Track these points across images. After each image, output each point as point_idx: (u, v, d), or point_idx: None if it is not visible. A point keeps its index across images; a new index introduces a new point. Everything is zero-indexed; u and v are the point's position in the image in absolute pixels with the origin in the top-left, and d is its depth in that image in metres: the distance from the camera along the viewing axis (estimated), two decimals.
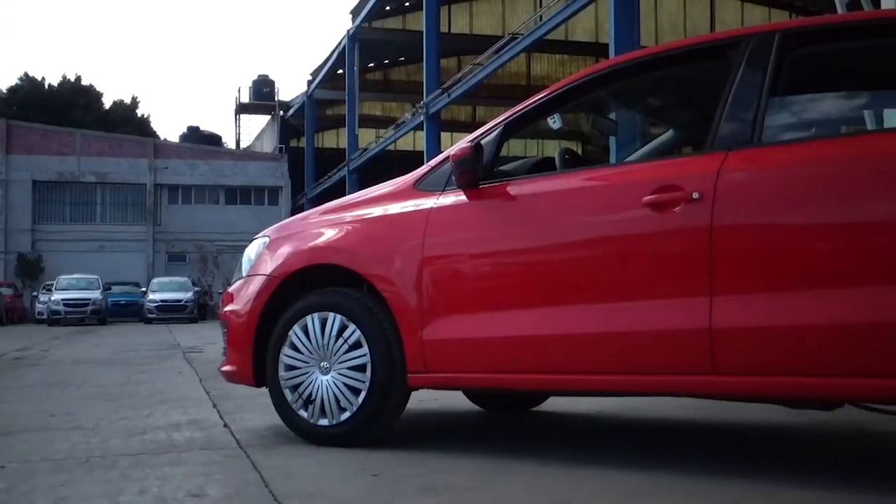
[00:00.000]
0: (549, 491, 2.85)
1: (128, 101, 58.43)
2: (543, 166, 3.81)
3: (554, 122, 3.69)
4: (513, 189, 3.48)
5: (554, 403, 4.96)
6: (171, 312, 29.37)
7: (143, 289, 33.15)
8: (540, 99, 3.60)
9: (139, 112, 58.51)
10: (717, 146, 3.11)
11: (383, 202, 3.79)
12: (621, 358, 3.13)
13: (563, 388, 3.47)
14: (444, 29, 30.52)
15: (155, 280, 32.67)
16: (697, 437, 4.12)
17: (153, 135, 53.09)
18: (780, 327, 2.86)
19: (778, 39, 3.16)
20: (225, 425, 4.33)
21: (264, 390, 3.93)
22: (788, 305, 2.85)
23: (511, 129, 3.62)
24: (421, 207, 3.62)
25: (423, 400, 4.97)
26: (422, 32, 25.95)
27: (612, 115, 4.51)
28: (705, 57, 3.49)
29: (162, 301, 29.73)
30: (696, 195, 3.01)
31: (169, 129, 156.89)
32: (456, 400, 4.97)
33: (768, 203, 2.97)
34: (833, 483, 2.94)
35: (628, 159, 4.56)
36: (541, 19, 19.86)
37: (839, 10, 8.01)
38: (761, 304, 2.89)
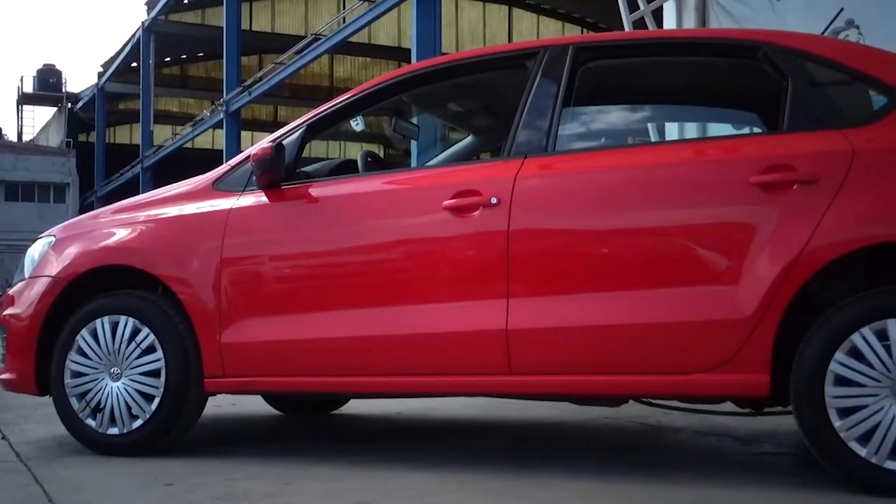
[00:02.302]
0: (349, 493, 2.85)
1: None
2: (345, 168, 3.81)
3: (357, 124, 3.70)
4: (314, 191, 3.46)
5: (355, 406, 4.97)
6: None
7: None
8: (343, 101, 3.60)
9: None
10: (514, 153, 3.21)
11: (180, 201, 3.67)
12: (422, 360, 3.18)
13: (364, 390, 3.48)
14: (245, 26, 29.88)
15: None
16: (491, 434, 4.24)
17: None
18: (569, 328, 3.00)
19: (571, 52, 3.30)
20: (3, 437, 4.05)
21: (48, 399, 3.70)
22: (577, 307, 3.00)
23: (314, 130, 3.60)
24: (220, 208, 3.53)
25: (220, 405, 4.84)
26: (222, 28, 25.30)
27: (414, 120, 4.57)
28: (504, 66, 3.60)
29: None
30: (494, 200, 3.10)
31: None
32: (255, 404, 4.88)
33: (561, 209, 3.11)
34: (617, 475, 3.11)
35: (429, 164, 4.64)
36: (344, 21, 19.84)
37: (626, 28, 8.48)
38: (552, 306, 3.03)
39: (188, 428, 3.58)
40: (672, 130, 7.52)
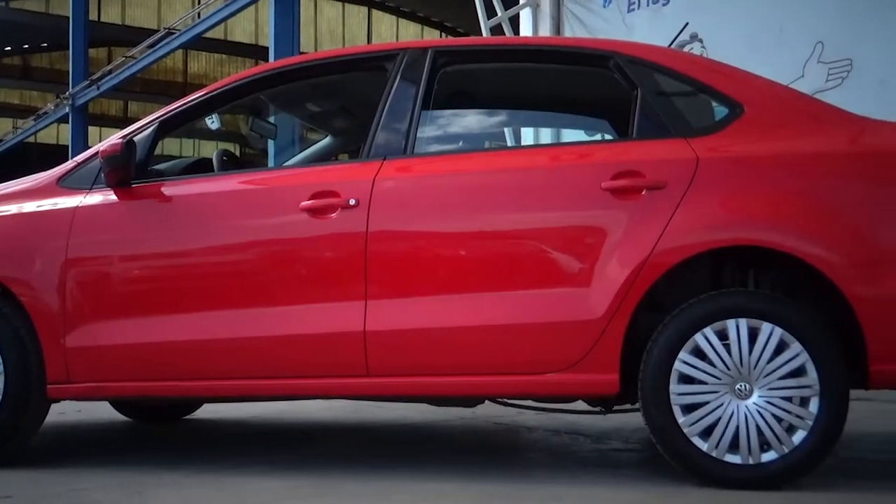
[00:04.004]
0: (204, 501, 2.78)
1: None
2: (200, 167, 3.71)
3: (212, 122, 3.61)
4: (167, 190, 3.36)
5: (208, 410, 4.85)
6: None
7: None
8: (198, 98, 3.51)
9: None
10: (373, 154, 3.21)
11: (21, 199, 3.48)
12: (279, 362, 3.13)
13: (218, 394, 3.39)
14: (93, 16, 28.71)
15: None
16: (349, 436, 4.23)
17: None
18: (426, 329, 3.02)
19: (430, 56, 3.33)
20: None
21: None
22: (434, 309, 3.02)
23: (167, 128, 3.49)
24: (65, 206, 3.37)
25: (64, 412, 4.63)
26: (67, 18, 24.24)
27: (272, 119, 4.51)
28: (364, 67, 3.60)
29: None
30: (352, 202, 3.09)
31: None
32: (102, 411, 4.69)
33: (419, 211, 3.13)
34: (473, 474, 3.15)
35: (287, 164, 4.58)
36: (199, 16, 19.35)
37: (484, 33, 8.61)
38: (410, 308, 3.04)
39: (29, 436, 3.41)
40: (528, 135, 7.69)
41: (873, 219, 2.89)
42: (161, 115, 3.49)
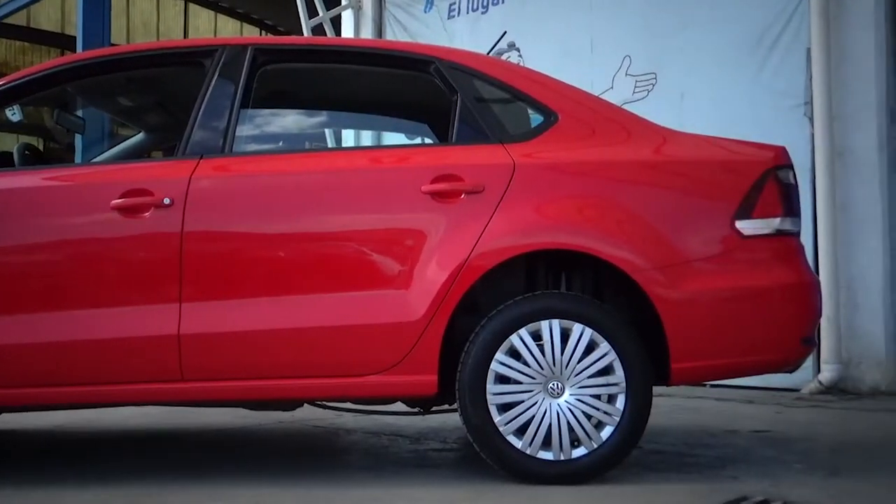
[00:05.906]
0: None
1: None
2: None
3: (13, 114, 3.41)
4: None
5: (6, 420, 4.55)
6: None
7: None
8: None
9: None
10: (189, 153, 3.12)
11: None
12: (88, 368, 2.98)
13: (19, 403, 3.19)
14: None
15: None
16: (164, 444, 4.09)
17: None
18: (242, 332, 2.96)
19: (250, 54, 3.27)
20: None
21: None
22: (251, 311, 2.97)
23: None
24: None
25: None
26: None
27: (80, 113, 4.30)
28: (180, 62, 3.49)
29: None
30: (167, 201, 2.99)
31: None
32: None
33: (236, 211, 3.07)
34: (291, 478, 3.12)
35: (96, 160, 4.38)
36: None
37: (305, 33, 8.53)
38: (226, 311, 2.98)
39: None
40: (349, 137, 7.70)
41: (673, 224, 3.07)
42: None
